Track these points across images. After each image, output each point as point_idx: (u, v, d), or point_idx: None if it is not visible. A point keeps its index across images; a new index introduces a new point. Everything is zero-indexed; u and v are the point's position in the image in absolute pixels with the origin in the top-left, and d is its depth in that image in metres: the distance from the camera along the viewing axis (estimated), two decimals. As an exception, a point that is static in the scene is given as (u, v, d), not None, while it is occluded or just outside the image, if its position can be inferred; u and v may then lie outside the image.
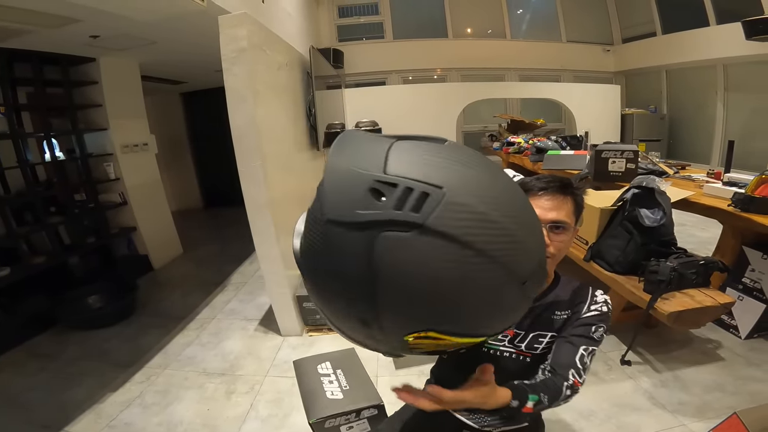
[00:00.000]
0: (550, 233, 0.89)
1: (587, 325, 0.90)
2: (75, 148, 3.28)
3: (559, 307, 0.94)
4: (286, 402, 1.93)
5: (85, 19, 2.29)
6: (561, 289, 0.97)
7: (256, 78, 2.10)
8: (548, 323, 0.93)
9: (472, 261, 0.39)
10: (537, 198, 0.91)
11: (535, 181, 0.93)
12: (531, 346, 0.94)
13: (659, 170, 2.63)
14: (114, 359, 2.36)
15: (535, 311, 0.95)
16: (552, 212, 0.89)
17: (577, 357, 0.86)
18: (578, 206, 0.95)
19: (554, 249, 0.90)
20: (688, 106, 6.37)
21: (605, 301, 0.94)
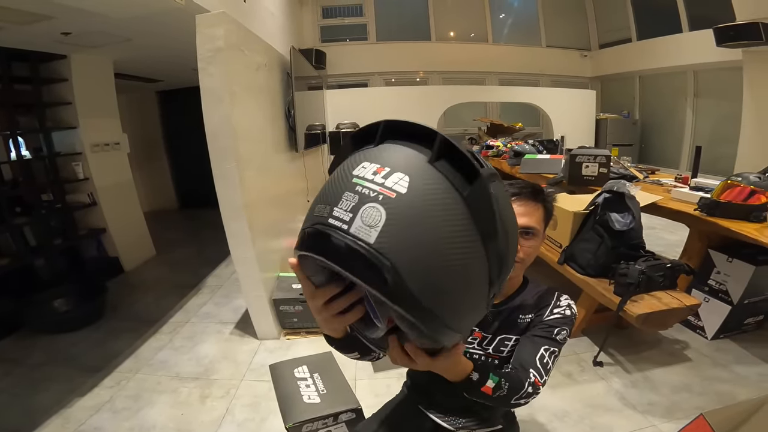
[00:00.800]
0: (520, 238, 0.90)
1: (550, 326, 0.92)
2: (42, 146, 3.17)
3: (524, 310, 0.96)
4: (263, 406, 1.91)
5: (57, 16, 2.21)
6: (527, 293, 0.99)
7: (232, 78, 2.07)
8: (513, 326, 0.95)
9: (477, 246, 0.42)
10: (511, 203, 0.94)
11: (508, 187, 0.94)
12: (498, 348, 0.96)
13: (630, 175, 2.71)
14: (82, 364, 2.29)
15: (502, 314, 0.97)
16: (523, 218, 0.91)
17: (537, 356, 0.87)
18: (548, 213, 0.97)
19: (523, 254, 0.91)
20: (660, 111, 6.59)
21: (568, 305, 0.96)
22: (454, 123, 7.06)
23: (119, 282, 3.47)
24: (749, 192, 1.88)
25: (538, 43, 7.34)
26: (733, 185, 1.93)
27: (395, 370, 2.10)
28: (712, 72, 5.60)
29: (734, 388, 1.85)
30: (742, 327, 2.24)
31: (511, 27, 7.44)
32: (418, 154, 0.42)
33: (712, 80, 5.71)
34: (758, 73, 4.50)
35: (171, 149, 6.13)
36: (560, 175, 2.86)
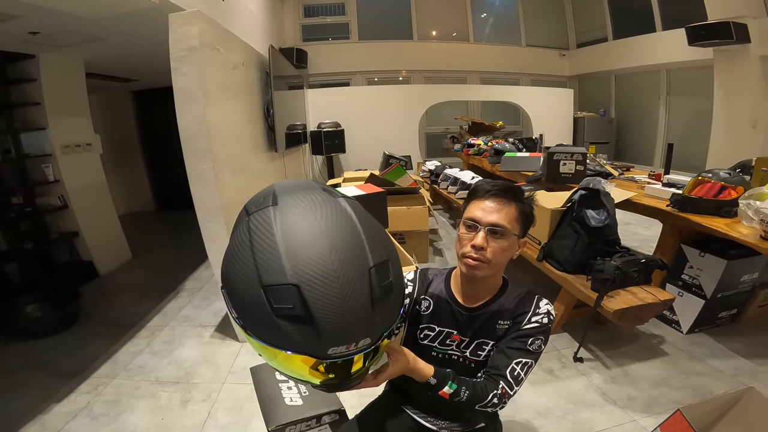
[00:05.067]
0: (488, 236, 0.89)
1: (525, 336, 0.91)
2: (11, 148, 3.07)
3: (502, 316, 0.95)
4: (246, 409, 1.88)
5: (24, 15, 2.13)
6: (506, 298, 0.97)
7: (207, 77, 2.04)
8: (491, 332, 0.95)
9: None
10: (481, 200, 0.92)
11: (483, 184, 0.95)
12: (475, 352, 0.96)
13: (605, 172, 2.77)
14: (58, 370, 2.23)
15: (479, 319, 0.96)
16: (492, 215, 0.90)
17: (509, 369, 0.88)
18: (523, 215, 0.93)
19: (490, 254, 0.89)
20: (634, 109, 6.75)
21: (547, 312, 0.94)
22: (436, 122, 7.09)
23: (94, 286, 3.38)
24: (720, 188, 1.93)
25: (518, 43, 7.43)
26: (704, 181, 1.99)
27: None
28: (685, 71, 5.77)
29: (710, 382, 1.90)
30: (716, 321, 2.29)
31: (493, 26, 7.51)
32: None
33: (684, 79, 5.87)
34: (728, 71, 4.65)
35: (147, 150, 6.00)
36: (539, 173, 2.90)
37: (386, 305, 0.57)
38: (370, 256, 0.56)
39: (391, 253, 0.62)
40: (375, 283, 0.55)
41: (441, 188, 4.27)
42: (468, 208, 0.95)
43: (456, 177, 3.94)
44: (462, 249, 0.92)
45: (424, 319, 1.02)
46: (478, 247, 0.88)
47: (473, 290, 0.98)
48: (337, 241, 0.56)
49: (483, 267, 0.90)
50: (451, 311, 0.99)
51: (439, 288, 1.04)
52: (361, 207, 0.65)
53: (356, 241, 0.56)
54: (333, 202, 0.62)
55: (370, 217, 0.64)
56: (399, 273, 0.70)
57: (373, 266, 0.55)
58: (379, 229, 0.66)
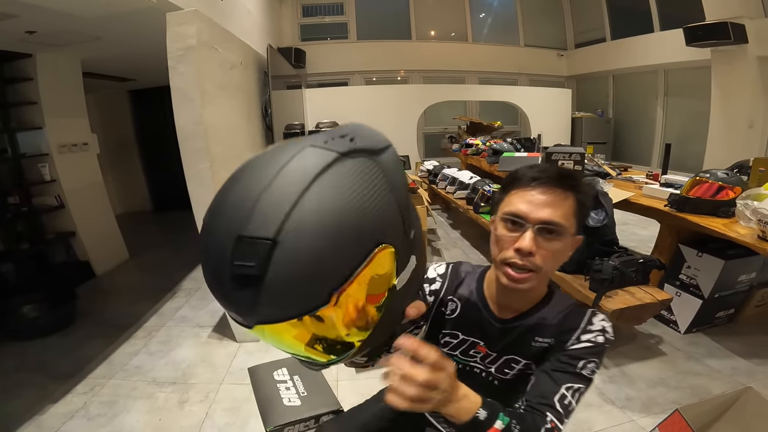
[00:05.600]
0: (538, 237, 0.70)
1: (575, 358, 0.73)
2: (7, 147, 3.05)
3: (542, 332, 0.78)
4: (244, 410, 1.88)
5: (21, 14, 2.12)
6: (549, 310, 0.80)
7: (204, 77, 2.03)
8: (525, 348, 0.79)
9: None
10: (526, 191, 0.73)
11: (526, 170, 0.76)
12: (501, 370, 0.82)
13: (603, 172, 2.77)
14: (54, 370, 2.22)
15: (512, 332, 0.80)
16: (544, 210, 0.71)
17: (556, 397, 0.70)
18: (582, 207, 0.75)
19: (540, 259, 0.71)
20: (632, 110, 6.77)
21: (603, 328, 0.76)
22: (434, 122, 7.09)
23: (90, 287, 3.37)
24: (717, 188, 1.94)
25: (516, 43, 7.44)
26: (701, 181, 1.99)
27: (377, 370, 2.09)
28: (682, 71, 5.78)
29: (708, 382, 1.90)
30: (714, 320, 2.30)
31: (491, 26, 7.52)
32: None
33: (682, 79, 5.89)
34: (726, 72, 4.66)
35: (144, 150, 5.98)
36: (537, 173, 2.91)
37: (248, 292, 0.40)
38: (253, 223, 0.38)
39: (305, 240, 0.39)
40: (233, 256, 0.39)
41: (439, 188, 4.27)
42: (507, 199, 0.76)
43: (454, 177, 3.94)
44: (502, 253, 0.74)
45: (448, 324, 0.87)
46: (526, 252, 0.70)
47: (510, 301, 0.81)
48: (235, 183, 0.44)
49: (531, 278, 0.72)
50: (479, 319, 0.84)
51: (470, 289, 0.88)
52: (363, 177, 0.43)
53: (247, 193, 0.41)
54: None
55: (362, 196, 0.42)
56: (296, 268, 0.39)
57: (244, 237, 0.38)
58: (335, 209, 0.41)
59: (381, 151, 0.47)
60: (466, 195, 3.49)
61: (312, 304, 0.41)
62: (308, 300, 0.41)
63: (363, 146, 0.45)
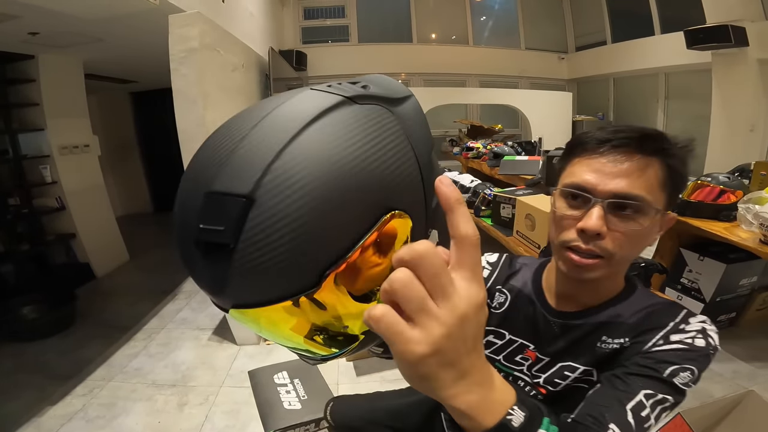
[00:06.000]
0: (608, 215, 0.56)
1: (661, 362, 0.54)
2: (8, 149, 3.06)
3: (612, 331, 0.61)
4: (244, 413, 1.88)
5: (24, 15, 2.13)
6: (626, 308, 0.63)
7: (206, 79, 2.04)
8: (587, 352, 0.63)
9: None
10: (593, 157, 0.59)
11: (595, 131, 0.60)
12: (552, 379, 0.65)
13: (605, 176, 2.76)
14: (53, 372, 2.23)
15: (575, 331, 0.65)
16: (617, 180, 0.56)
17: (630, 405, 0.51)
18: (674, 176, 0.58)
19: (611, 243, 0.56)
20: (633, 113, 6.76)
21: (703, 329, 0.58)
22: (435, 125, 7.09)
23: (91, 288, 3.37)
24: (719, 192, 1.93)
25: (517, 46, 7.45)
26: (703, 185, 1.99)
27: (378, 373, 2.09)
28: (683, 74, 5.78)
29: (710, 386, 1.89)
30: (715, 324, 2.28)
31: (492, 29, 7.53)
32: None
33: (683, 82, 5.89)
34: (727, 75, 4.66)
35: (145, 151, 5.99)
36: (538, 177, 2.90)
37: (218, 266, 0.31)
38: (224, 176, 0.30)
39: (293, 200, 0.29)
40: (199, 218, 0.30)
41: (440, 191, 4.26)
42: (569, 169, 0.62)
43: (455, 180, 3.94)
44: (561, 235, 0.60)
45: (493, 320, 0.74)
46: (592, 233, 0.56)
47: (574, 291, 0.66)
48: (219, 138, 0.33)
49: (599, 266, 0.58)
50: (532, 315, 0.70)
51: (525, 280, 0.75)
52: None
53: (224, 142, 0.32)
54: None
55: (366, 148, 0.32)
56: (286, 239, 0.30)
57: (213, 193, 0.30)
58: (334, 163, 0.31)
59: (400, 100, 0.38)
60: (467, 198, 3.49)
61: (296, 285, 0.31)
62: (292, 280, 0.30)
63: (377, 93, 0.36)
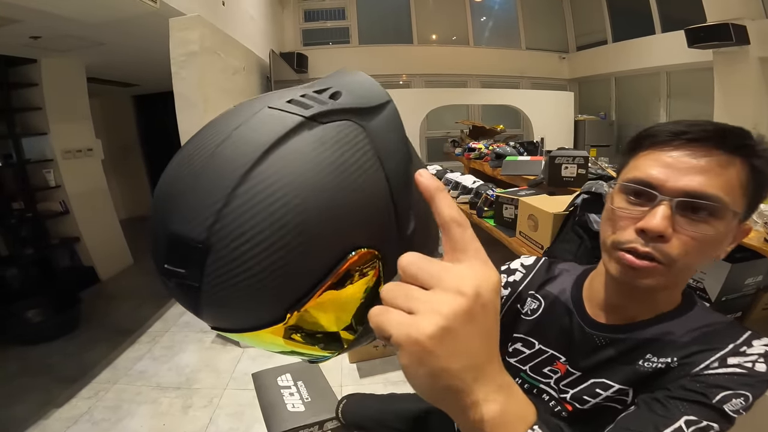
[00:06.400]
0: (677, 216, 0.48)
1: (712, 386, 0.48)
2: (12, 153, 3.07)
3: (660, 349, 0.54)
4: (248, 415, 1.88)
5: (25, 19, 2.14)
6: (680, 325, 0.55)
7: (207, 82, 2.05)
8: (626, 370, 0.55)
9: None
10: (663, 150, 0.52)
11: (669, 124, 0.53)
12: (581, 396, 0.59)
13: (607, 175, 2.76)
14: (58, 375, 2.24)
15: (616, 346, 0.57)
16: (690, 176, 0.48)
17: (670, 430, 0.46)
18: (758, 178, 0.51)
19: (677, 248, 0.49)
20: (635, 112, 6.75)
21: (766, 354, 0.50)
22: (437, 126, 7.10)
23: (95, 292, 3.38)
24: (721, 190, 1.92)
25: (518, 46, 7.44)
26: (706, 184, 1.97)
27: (381, 375, 2.09)
28: (685, 73, 5.76)
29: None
30: (719, 323, 2.28)
31: (492, 30, 7.52)
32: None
33: (685, 81, 5.87)
34: (728, 73, 4.65)
35: (148, 155, 6.01)
36: (540, 177, 2.89)
37: (189, 299, 0.31)
38: (180, 220, 0.29)
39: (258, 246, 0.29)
40: (165, 257, 0.31)
41: (442, 192, 4.25)
42: (633, 163, 0.56)
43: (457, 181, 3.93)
44: (616, 234, 0.53)
45: (522, 327, 0.69)
46: (654, 234, 0.48)
47: (625, 300, 0.58)
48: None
49: (657, 271, 0.50)
50: (568, 325, 0.64)
51: (563, 287, 0.68)
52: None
53: (177, 179, 0.32)
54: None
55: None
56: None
57: (173, 235, 0.30)
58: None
59: (374, 110, 0.33)
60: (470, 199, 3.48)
61: (262, 321, 0.31)
62: (257, 317, 0.32)
63: (347, 104, 0.33)
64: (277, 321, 0.31)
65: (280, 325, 0.31)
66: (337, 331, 0.35)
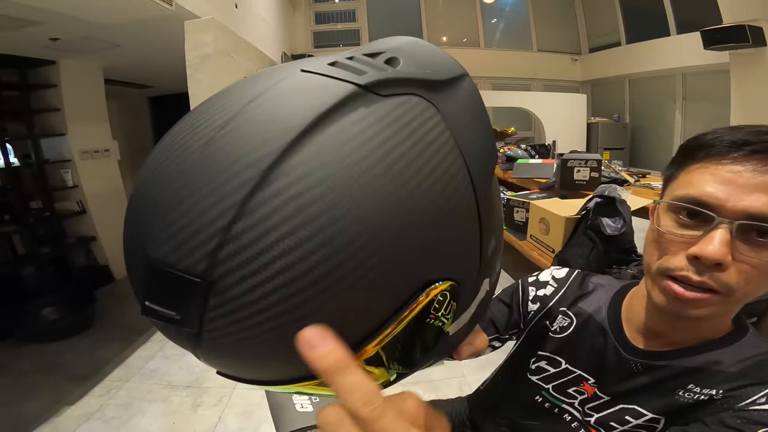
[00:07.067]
0: (737, 241, 0.43)
1: (754, 422, 0.43)
2: (31, 153, 3.13)
3: (704, 380, 0.49)
4: (256, 414, 1.89)
5: (45, 21, 2.19)
6: (731, 353, 0.50)
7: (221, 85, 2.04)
8: (662, 399, 0.51)
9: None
10: (722, 164, 0.45)
11: (726, 132, 0.47)
12: (607, 421, 0.55)
13: (621, 179, 2.73)
14: (71, 373, 2.26)
15: (650, 374, 0.53)
16: (755, 195, 0.42)
17: None
18: None
19: (735, 277, 0.43)
20: (649, 114, 6.65)
21: None
22: (447, 127, 7.09)
23: (109, 291, 3.42)
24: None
25: (529, 48, 7.40)
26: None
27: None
28: (701, 75, 5.67)
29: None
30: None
31: (503, 32, 7.49)
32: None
33: (701, 83, 5.77)
34: (745, 75, 4.56)
35: (163, 155, 6.09)
36: (552, 180, 2.87)
37: (183, 341, 0.25)
38: (165, 245, 0.21)
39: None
40: (144, 293, 0.23)
41: (452, 194, 4.23)
42: (684, 177, 0.50)
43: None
44: (664, 260, 0.48)
45: (549, 344, 0.64)
46: (710, 262, 0.43)
47: (669, 327, 0.53)
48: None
49: (711, 302, 0.45)
50: (602, 347, 0.59)
51: (598, 306, 0.63)
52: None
53: (159, 182, 0.23)
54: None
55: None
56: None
57: (155, 263, 0.21)
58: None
59: (448, 83, 0.24)
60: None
61: (288, 377, 0.23)
62: (281, 373, 0.24)
63: (411, 74, 0.23)
64: (307, 378, 0.23)
65: (312, 381, 0.23)
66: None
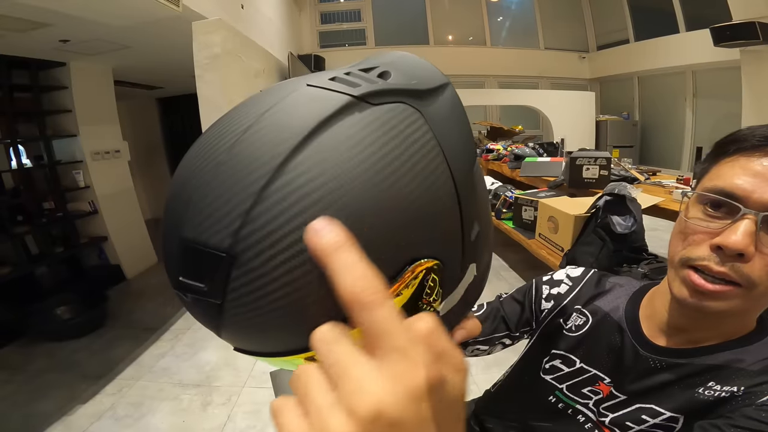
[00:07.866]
0: (762, 233, 0.43)
1: None
2: (43, 155, 3.18)
3: (726, 377, 0.48)
4: (265, 413, 1.89)
5: (55, 23, 2.23)
6: (753, 351, 0.50)
7: (229, 85, 2.08)
8: (681, 397, 0.50)
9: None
10: (752, 157, 0.46)
11: (759, 128, 0.49)
12: (622, 421, 0.54)
13: (631, 177, 2.70)
14: (83, 371, 2.29)
15: (669, 372, 0.53)
16: None
17: None
18: None
19: (759, 269, 0.43)
20: (659, 112, 6.58)
21: None
22: (454, 126, 7.07)
23: (121, 290, 3.47)
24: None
25: (536, 46, 7.35)
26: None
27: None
28: (711, 72, 5.60)
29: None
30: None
31: (509, 30, 7.45)
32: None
33: (711, 80, 5.70)
34: (756, 72, 4.49)
35: (172, 157, 6.15)
36: (561, 178, 2.85)
37: (208, 317, 0.27)
38: (196, 223, 0.25)
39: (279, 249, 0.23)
40: (178, 268, 0.27)
41: (460, 193, 4.22)
42: (715, 170, 0.50)
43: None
44: (688, 250, 0.48)
45: (563, 343, 0.64)
46: (733, 252, 0.43)
47: (690, 323, 0.53)
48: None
49: (731, 295, 0.45)
50: (618, 346, 0.59)
51: (615, 304, 0.63)
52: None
53: (193, 174, 0.27)
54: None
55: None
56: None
57: (188, 242, 0.25)
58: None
59: (432, 92, 0.29)
60: (488, 200, 3.46)
61: (299, 345, 0.25)
62: (293, 341, 0.26)
63: (399, 85, 0.27)
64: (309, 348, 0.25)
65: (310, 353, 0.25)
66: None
